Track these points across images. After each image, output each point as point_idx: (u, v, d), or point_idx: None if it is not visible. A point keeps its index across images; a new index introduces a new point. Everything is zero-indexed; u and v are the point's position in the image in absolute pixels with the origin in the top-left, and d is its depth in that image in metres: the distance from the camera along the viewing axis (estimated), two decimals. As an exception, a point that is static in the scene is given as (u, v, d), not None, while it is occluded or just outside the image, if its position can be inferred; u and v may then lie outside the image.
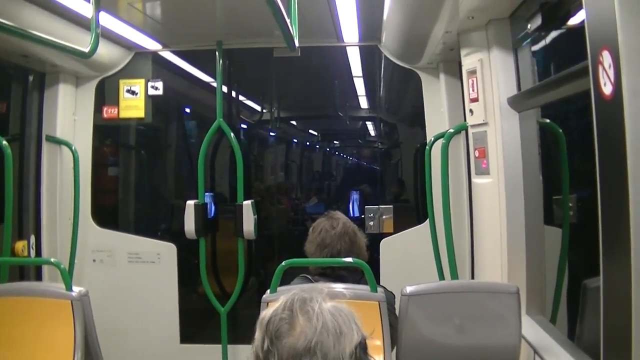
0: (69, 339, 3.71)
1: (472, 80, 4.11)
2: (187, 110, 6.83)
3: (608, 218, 2.04)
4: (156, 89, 5.83)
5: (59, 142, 5.44)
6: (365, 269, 3.77)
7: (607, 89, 1.95)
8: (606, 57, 1.94)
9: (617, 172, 1.91)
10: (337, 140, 7.80)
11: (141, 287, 5.78)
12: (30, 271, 5.29)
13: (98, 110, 5.80)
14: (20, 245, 5.07)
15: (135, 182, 6.36)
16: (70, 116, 5.62)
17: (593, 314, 2.72)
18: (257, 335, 1.80)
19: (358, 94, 6.87)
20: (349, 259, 3.90)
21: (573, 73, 2.73)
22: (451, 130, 4.57)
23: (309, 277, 4.03)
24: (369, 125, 7.10)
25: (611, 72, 1.91)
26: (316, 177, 8.02)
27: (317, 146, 7.97)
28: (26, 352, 3.75)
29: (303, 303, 1.81)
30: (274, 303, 3.69)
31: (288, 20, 3.15)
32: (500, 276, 3.96)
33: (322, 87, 6.61)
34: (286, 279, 3.90)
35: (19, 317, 3.81)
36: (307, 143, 7.94)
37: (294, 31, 3.88)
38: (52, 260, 4.45)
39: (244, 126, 6.71)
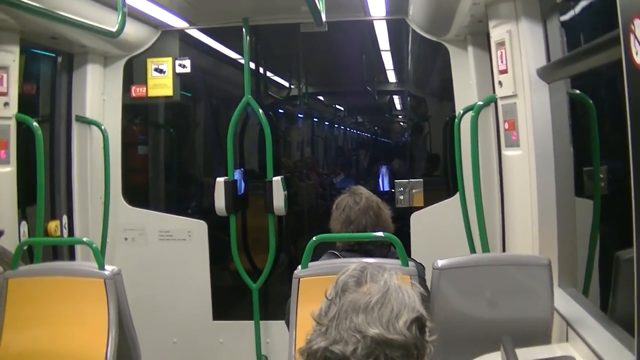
0: (102, 317, 3.75)
1: (501, 52, 4.08)
2: (215, 87, 6.84)
3: (641, 189, 2.02)
4: (184, 67, 5.84)
5: (89, 122, 5.47)
6: (396, 243, 3.77)
7: (639, 58, 1.92)
8: (638, 26, 1.91)
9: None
10: (365, 115, 7.79)
11: (173, 265, 5.82)
12: (63, 251, 5.35)
13: (126, 89, 5.82)
14: (53, 225, 5.12)
15: (165, 160, 6.40)
16: (99, 96, 5.65)
17: (626, 285, 2.70)
18: (330, 288, 1.86)
19: (386, 68, 6.84)
20: (380, 234, 3.90)
21: (604, 42, 2.70)
22: (480, 103, 4.53)
23: (337, 253, 4.04)
24: (397, 100, 7.08)
25: (643, 41, 1.89)
26: (345, 152, 8.02)
27: (345, 121, 7.96)
28: (61, 331, 3.79)
29: (375, 271, 1.86)
30: (306, 279, 3.75)
31: (314, -5, 3.14)
32: (531, 249, 3.94)
33: (350, 62, 6.58)
34: (315, 256, 3.91)
35: (53, 297, 3.85)
36: (335, 118, 7.93)
37: (320, 6, 3.88)
38: (84, 239, 4.50)
39: (271, 103, 6.70)
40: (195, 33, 6.04)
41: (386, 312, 1.74)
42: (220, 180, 5.50)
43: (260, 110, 5.54)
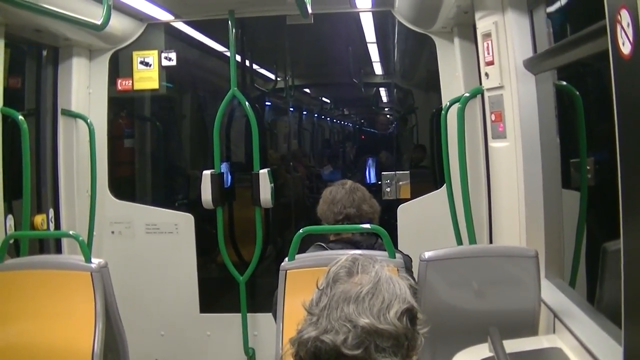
0: (89, 310, 3.75)
1: (487, 44, 4.08)
2: (201, 80, 6.82)
3: (628, 179, 2.02)
4: (170, 59, 5.82)
5: (75, 115, 5.45)
6: (383, 235, 3.78)
7: (626, 49, 1.92)
8: (624, 16, 1.91)
9: (638, 132, 1.89)
10: (352, 107, 7.78)
11: (160, 258, 5.82)
12: (50, 244, 5.34)
13: (112, 82, 5.80)
14: (39, 219, 5.10)
15: (151, 153, 6.38)
16: (84, 89, 5.63)
17: (613, 277, 2.71)
18: (321, 279, 1.89)
19: (372, 60, 6.84)
20: (367, 226, 3.92)
21: (590, 33, 2.70)
22: (467, 95, 4.53)
23: (324, 245, 4.06)
24: (384, 92, 7.08)
25: (630, 31, 1.88)
26: (331, 144, 8.01)
27: (332, 113, 7.95)
28: (47, 325, 3.79)
29: (366, 262, 1.89)
30: (293, 271, 3.75)
31: (301, -13, 3.13)
32: (518, 240, 3.95)
33: (336, 54, 6.57)
34: (303, 247, 3.92)
35: (40, 290, 3.85)
36: (322, 110, 7.92)
37: (306, -2, 3.86)
38: (71, 232, 4.51)
39: (257, 95, 6.69)
40: (181, 26, 6.02)
41: (377, 303, 1.76)
42: (206, 173, 5.49)
43: (247, 103, 5.53)
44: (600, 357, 2.69)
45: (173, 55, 5.82)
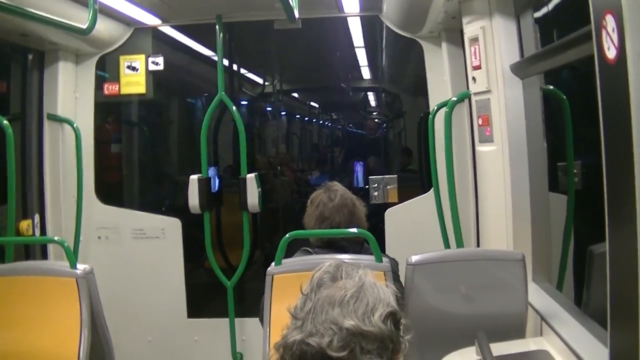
0: (74, 316, 3.73)
1: (475, 48, 4.09)
2: (189, 84, 6.80)
3: (613, 183, 2.03)
4: (157, 64, 5.80)
5: (61, 120, 5.42)
6: (370, 240, 3.78)
7: (611, 53, 1.93)
8: (610, 21, 1.92)
9: (622, 136, 1.90)
10: (340, 112, 7.80)
11: (147, 263, 5.79)
12: (35, 250, 5.30)
13: (99, 87, 5.77)
14: (24, 224, 5.07)
15: (139, 158, 6.37)
16: (71, 94, 5.60)
17: (599, 279, 2.72)
18: (305, 284, 1.90)
19: (360, 64, 6.85)
20: (354, 230, 3.91)
21: (576, 38, 2.71)
22: (454, 99, 4.53)
23: (310, 249, 4.04)
24: (372, 96, 7.09)
25: (615, 36, 1.89)
26: (319, 148, 8.02)
27: (320, 118, 7.96)
28: (32, 331, 3.76)
29: (349, 268, 1.91)
30: (279, 275, 3.74)
31: (287, -9, 3.13)
32: (505, 244, 3.96)
33: (324, 59, 6.59)
34: (289, 252, 3.90)
35: (25, 297, 3.82)
36: (310, 115, 7.92)
37: (293, 2, 3.87)
38: (55, 238, 4.47)
39: (245, 100, 6.68)
40: (168, 30, 6.00)
41: (361, 306, 1.77)
42: (193, 177, 5.46)
43: (234, 108, 5.51)
44: (587, 358, 2.70)
45: (160, 59, 5.80)
